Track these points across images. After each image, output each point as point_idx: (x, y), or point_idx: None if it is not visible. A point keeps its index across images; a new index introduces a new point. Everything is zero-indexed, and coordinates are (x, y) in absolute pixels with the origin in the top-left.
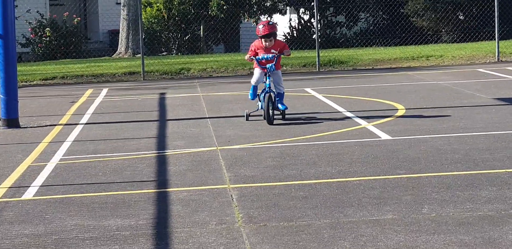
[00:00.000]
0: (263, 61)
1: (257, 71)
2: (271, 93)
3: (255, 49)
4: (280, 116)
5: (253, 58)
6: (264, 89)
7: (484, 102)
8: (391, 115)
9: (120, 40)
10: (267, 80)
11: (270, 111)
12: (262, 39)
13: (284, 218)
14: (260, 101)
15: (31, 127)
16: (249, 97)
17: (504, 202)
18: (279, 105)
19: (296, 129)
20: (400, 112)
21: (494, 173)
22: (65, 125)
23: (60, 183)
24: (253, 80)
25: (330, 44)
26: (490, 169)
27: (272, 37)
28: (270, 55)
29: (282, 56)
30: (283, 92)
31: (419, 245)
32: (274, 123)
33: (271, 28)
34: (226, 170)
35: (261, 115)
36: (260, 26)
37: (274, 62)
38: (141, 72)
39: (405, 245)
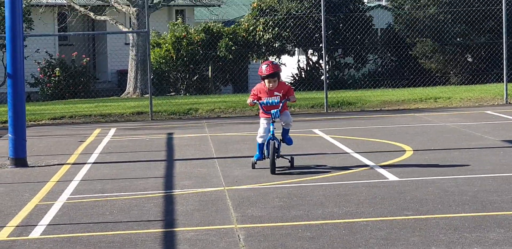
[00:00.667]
0: (267, 106)
1: (263, 123)
2: (275, 141)
3: (257, 93)
4: (289, 165)
5: (256, 102)
6: (269, 137)
7: (492, 145)
8: (399, 157)
9: (128, 80)
10: (271, 126)
11: (275, 160)
12: (266, 80)
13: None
14: (265, 149)
15: (39, 166)
16: (254, 158)
17: None
18: (285, 140)
19: (304, 169)
20: (407, 154)
21: (502, 215)
22: (73, 164)
23: (67, 222)
24: (260, 134)
25: (338, 85)
26: (498, 211)
27: (276, 77)
28: (276, 100)
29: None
30: (289, 128)
31: None
32: (280, 166)
33: (276, 68)
34: (233, 210)
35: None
36: (264, 66)
37: (279, 108)
38: (149, 112)
39: None
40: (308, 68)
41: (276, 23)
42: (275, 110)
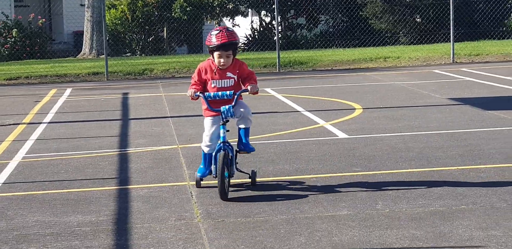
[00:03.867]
0: (215, 100)
1: (208, 126)
2: (228, 151)
3: (203, 74)
4: (249, 180)
5: (200, 95)
6: (219, 145)
7: (438, 102)
8: (349, 115)
9: (84, 41)
10: (221, 130)
11: (226, 180)
12: (215, 53)
13: (242, 214)
14: (213, 164)
15: None
16: (197, 174)
17: (455, 198)
18: (244, 147)
19: (256, 127)
20: (357, 112)
21: (446, 170)
22: (29, 123)
23: (23, 180)
24: (205, 143)
25: (290, 45)
26: (442, 166)
27: (231, 50)
28: (228, 92)
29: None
30: (249, 127)
31: (372, 240)
32: (236, 184)
33: (231, 36)
34: (186, 168)
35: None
36: (215, 32)
37: (233, 104)
38: (105, 73)
39: (359, 240)
40: (261, 29)
41: None
42: (227, 106)
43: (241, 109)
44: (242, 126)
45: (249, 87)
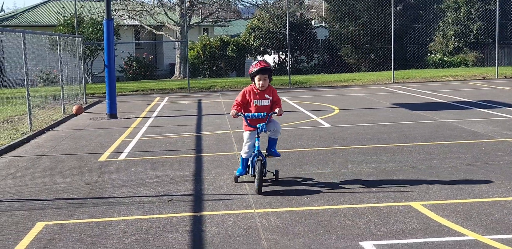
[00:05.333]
0: (253, 119)
1: (247, 139)
2: (261, 158)
3: (246, 95)
4: (273, 178)
5: (241, 115)
6: (253, 152)
7: (384, 106)
8: (331, 113)
9: (175, 69)
10: (256, 141)
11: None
12: (256, 78)
13: (268, 172)
14: (250, 166)
15: (124, 118)
16: (236, 173)
17: (394, 162)
18: (272, 152)
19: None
20: (336, 111)
21: (389, 146)
22: (143, 117)
23: (140, 150)
24: (244, 151)
25: (296, 72)
26: (387, 143)
27: (267, 74)
28: (262, 113)
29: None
30: (277, 138)
31: (345, 186)
32: (264, 179)
33: (267, 64)
34: (236, 143)
35: (250, 178)
36: (254, 63)
37: (266, 122)
38: (187, 88)
39: (337, 186)
40: (279, 62)
41: (261, 36)
42: (261, 124)
43: (275, 126)
44: (273, 137)
45: (277, 110)
